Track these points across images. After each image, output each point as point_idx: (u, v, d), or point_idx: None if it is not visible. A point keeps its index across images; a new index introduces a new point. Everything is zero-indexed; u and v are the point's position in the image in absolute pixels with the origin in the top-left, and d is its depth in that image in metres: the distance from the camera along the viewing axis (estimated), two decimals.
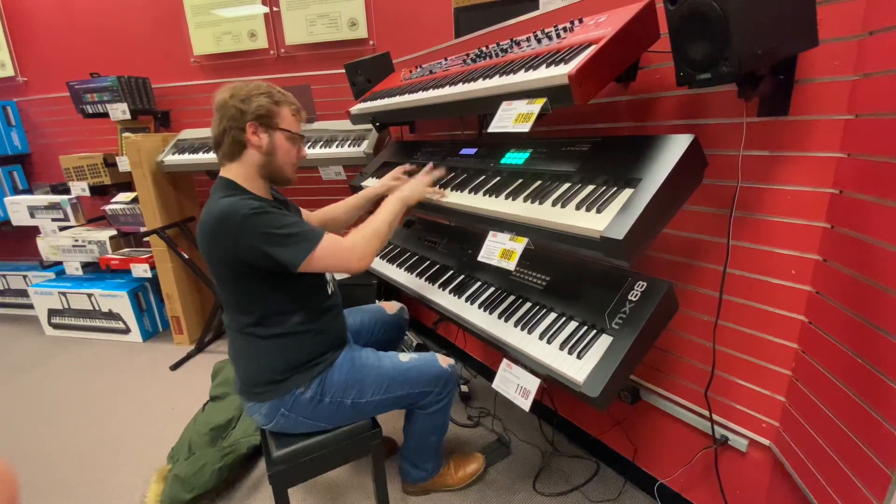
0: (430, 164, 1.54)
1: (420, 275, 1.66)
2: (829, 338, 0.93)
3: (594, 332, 1.11)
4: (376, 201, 1.61)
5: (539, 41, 1.22)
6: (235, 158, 1.17)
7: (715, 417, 1.21)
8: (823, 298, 0.96)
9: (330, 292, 1.29)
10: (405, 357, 1.34)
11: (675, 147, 0.97)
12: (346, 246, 1.16)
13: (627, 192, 0.98)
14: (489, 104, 1.16)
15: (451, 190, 1.41)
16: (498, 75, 1.17)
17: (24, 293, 3.26)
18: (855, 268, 0.87)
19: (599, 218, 0.96)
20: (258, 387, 1.19)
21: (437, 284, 1.56)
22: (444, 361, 1.38)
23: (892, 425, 0.77)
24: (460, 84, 1.29)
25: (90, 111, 2.68)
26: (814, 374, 0.98)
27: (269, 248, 1.06)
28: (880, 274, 0.81)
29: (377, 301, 1.76)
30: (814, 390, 0.98)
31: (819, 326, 0.97)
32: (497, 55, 1.34)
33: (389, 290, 2.51)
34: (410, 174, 1.61)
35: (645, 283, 1.11)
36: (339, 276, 2.47)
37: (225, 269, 1.13)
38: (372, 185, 1.66)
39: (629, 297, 1.10)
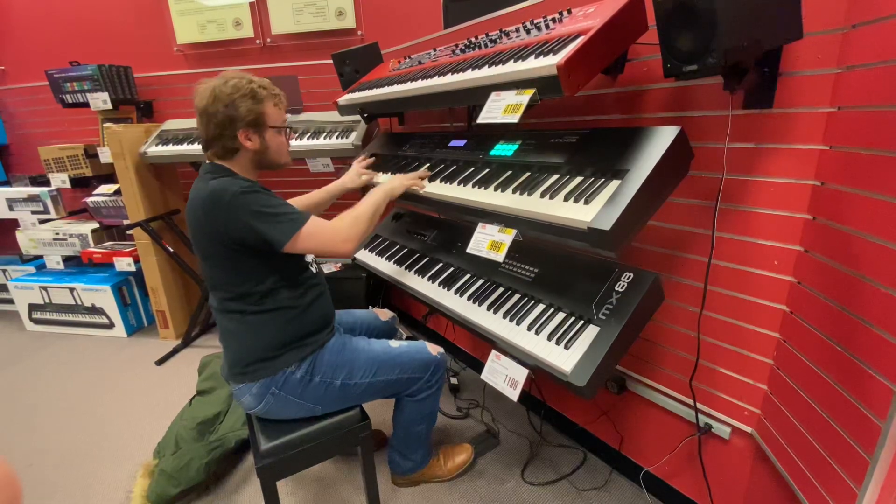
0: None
1: (409, 267, 1.65)
2: (810, 327, 0.95)
3: (581, 322, 1.12)
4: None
5: (528, 32, 1.22)
6: (228, 158, 1.21)
7: (699, 406, 1.23)
8: (805, 288, 0.97)
9: (314, 272, 1.31)
10: (396, 344, 1.37)
11: (662, 139, 0.97)
12: (332, 228, 1.20)
13: (615, 183, 0.98)
14: (478, 95, 1.16)
15: (441, 182, 1.40)
16: (487, 66, 1.16)
17: (3, 288, 3.17)
18: (835, 258, 0.89)
19: (587, 209, 0.96)
20: (250, 365, 1.19)
21: (426, 277, 1.56)
22: (434, 349, 1.40)
23: (870, 411, 0.80)
24: (449, 74, 1.28)
25: (70, 101, 2.61)
26: (795, 362, 1.00)
27: (257, 224, 1.10)
28: (860, 264, 0.83)
29: (368, 306, 1.76)
30: (795, 378, 1.00)
31: (800, 316, 0.99)
32: (486, 46, 1.33)
33: (378, 283, 2.51)
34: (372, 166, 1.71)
35: (631, 275, 1.12)
36: (327, 271, 2.46)
37: (214, 247, 1.15)
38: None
39: (616, 288, 1.11)
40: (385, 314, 1.63)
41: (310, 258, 1.30)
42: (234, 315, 1.20)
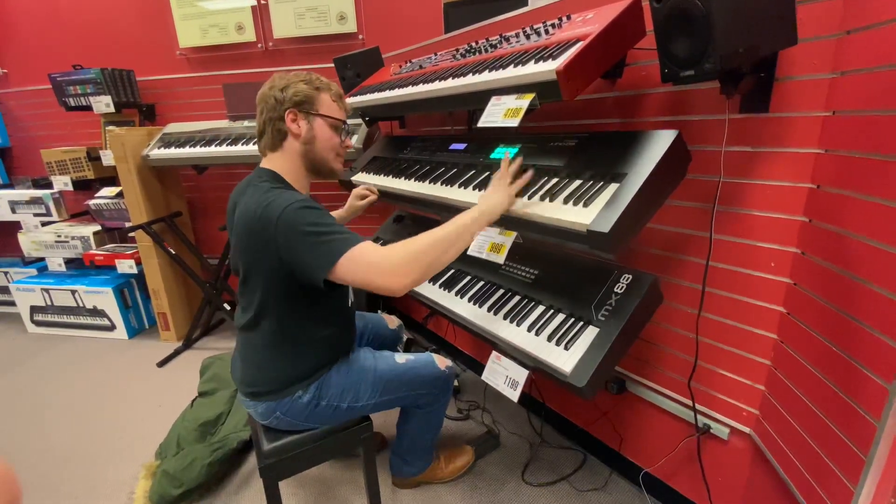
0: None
1: None
2: (807, 328, 0.97)
3: (581, 323, 1.13)
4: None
5: (528, 37, 1.23)
6: (277, 149, 1.15)
7: (697, 407, 1.24)
8: (801, 290, 0.99)
9: (349, 302, 1.27)
10: (402, 358, 1.32)
11: (660, 142, 0.99)
12: (378, 256, 0.98)
13: (613, 186, 1.00)
14: (479, 99, 1.17)
15: (442, 184, 1.42)
16: (487, 70, 1.18)
17: (5, 290, 3.19)
18: (832, 260, 0.90)
19: (586, 212, 0.97)
20: (259, 391, 1.17)
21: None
22: (442, 363, 1.36)
23: (866, 411, 0.81)
24: (450, 79, 1.30)
25: (73, 104, 2.62)
26: (792, 363, 1.01)
27: (299, 247, 0.99)
28: (856, 266, 0.84)
29: (377, 310, 1.76)
30: (792, 379, 1.01)
31: (797, 317, 1.00)
32: (486, 51, 1.35)
33: None
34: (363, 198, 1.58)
35: (630, 276, 1.13)
36: None
37: (262, 267, 1.07)
38: (359, 179, 1.67)
39: (615, 290, 1.13)
40: (393, 321, 1.63)
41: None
42: (262, 338, 1.14)
